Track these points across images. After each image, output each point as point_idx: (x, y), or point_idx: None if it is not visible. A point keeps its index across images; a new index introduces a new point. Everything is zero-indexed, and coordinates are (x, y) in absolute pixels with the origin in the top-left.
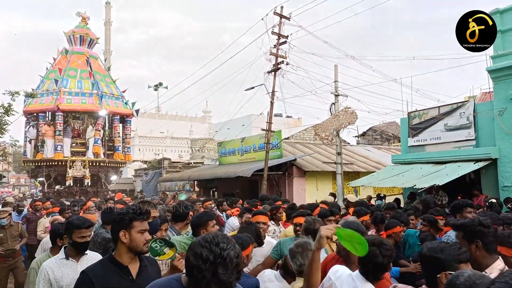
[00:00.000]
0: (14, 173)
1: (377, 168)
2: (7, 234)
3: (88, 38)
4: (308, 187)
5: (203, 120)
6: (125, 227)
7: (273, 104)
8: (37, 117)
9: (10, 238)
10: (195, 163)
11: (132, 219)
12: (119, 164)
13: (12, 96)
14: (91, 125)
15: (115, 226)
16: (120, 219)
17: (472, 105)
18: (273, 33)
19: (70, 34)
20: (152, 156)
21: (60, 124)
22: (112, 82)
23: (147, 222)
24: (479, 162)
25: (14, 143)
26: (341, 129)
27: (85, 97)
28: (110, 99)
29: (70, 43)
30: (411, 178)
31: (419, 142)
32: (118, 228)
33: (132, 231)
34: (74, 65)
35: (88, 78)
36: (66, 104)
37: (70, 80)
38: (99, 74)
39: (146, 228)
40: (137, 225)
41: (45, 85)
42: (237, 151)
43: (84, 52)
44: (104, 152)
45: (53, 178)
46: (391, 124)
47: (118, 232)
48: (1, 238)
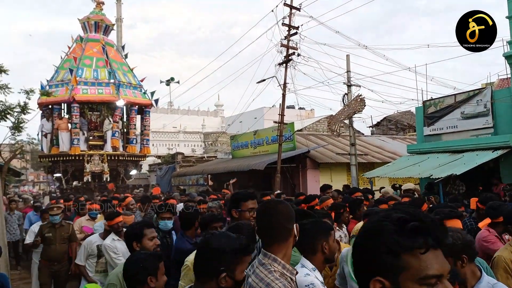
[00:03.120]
0: (32, 171)
1: (392, 158)
2: (57, 235)
3: (103, 24)
4: (322, 179)
5: (215, 114)
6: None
7: (285, 96)
8: (52, 110)
9: (59, 240)
10: (208, 157)
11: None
12: (138, 158)
13: (27, 94)
14: (108, 117)
15: None
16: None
17: (490, 92)
18: (283, 24)
19: (85, 20)
20: (166, 151)
21: (76, 117)
22: (129, 70)
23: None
24: (497, 150)
25: (31, 141)
26: (350, 118)
27: (101, 87)
28: (128, 89)
29: (84, 30)
30: (427, 168)
31: (435, 131)
32: None
33: None
34: (90, 53)
35: (105, 67)
36: (82, 95)
37: (86, 69)
38: (115, 62)
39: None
40: None
41: (60, 75)
42: (250, 144)
43: (100, 39)
44: (122, 145)
45: (70, 174)
46: (406, 113)
47: None
48: (50, 238)
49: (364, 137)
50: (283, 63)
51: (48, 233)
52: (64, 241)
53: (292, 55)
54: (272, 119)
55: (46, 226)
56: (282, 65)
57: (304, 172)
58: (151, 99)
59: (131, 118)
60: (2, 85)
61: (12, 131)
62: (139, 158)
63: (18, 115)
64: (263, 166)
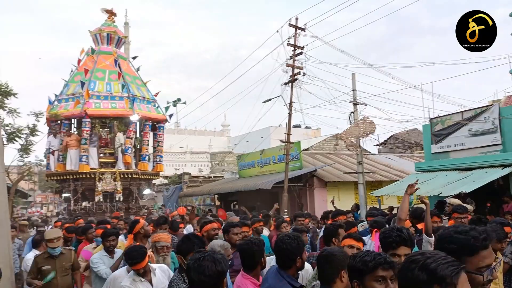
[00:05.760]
0: (40, 192)
1: (400, 176)
2: (56, 266)
3: (116, 36)
4: (329, 198)
5: (222, 134)
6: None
7: (291, 115)
8: (61, 125)
9: (60, 272)
10: (215, 176)
11: None
12: (151, 176)
13: (36, 116)
14: (121, 132)
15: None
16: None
17: (497, 109)
18: (289, 44)
19: (96, 32)
20: (173, 171)
21: (86, 132)
22: (143, 84)
23: None
24: (507, 167)
25: (39, 163)
26: (363, 138)
27: (115, 101)
28: (141, 103)
29: (96, 42)
30: (436, 186)
31: (443, 149)
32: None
33: None
34: (102, 65)
35: (117, 80)
36: (95, 109)
37: (98, 83)
38: (128, 75)
39: None
40: None
41: (70, 89)
42: (256, 163)
43: (112, 51)
44: (135, 163)
45: (80, 194)
46: (412, 131)
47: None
48: (49, 271)
49: (371, 156)
50: (288, 82)
51: (46, 265)
52: (66, 272)
53: (297, 74)
54: (279, 139)
55: (42, 258)
56: (288, 84)
57: (311, 191)
58: (165, 114)
59: (145, 134)
60: (10, 108)
61: (20, 153)
62: (152, 176)
63: (26, 137)
64: (270, 185)
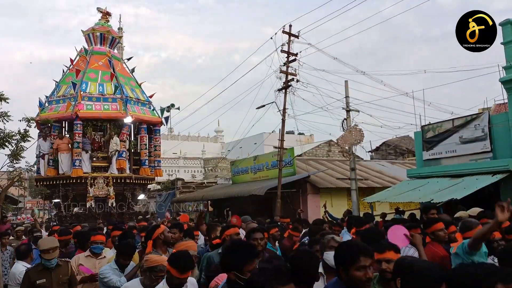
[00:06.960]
0: (30, 198)
1: (392, 183)
2: (53, 280)
3: (109, 36)
4: (322, 204)
5: (215, 140)
6: None
7: (284, 122)
8: (51, 128)
9: (56, 286)
10: (208, 182)
11: None
12: (146, 181)
13: (28, 122)
14: (114, 136)
15: None
16: None
17: (487, 117)
18: (282, 51)
19: (90, 32)
20: (166, 177)
21: (78, 135)
22: (137, 86)
23: None
24: (497, 174)
25: (30, 168)
26: (355, 145)
27: (107, 103)
28: (136, 105)
29: (89, 42)
30: (428, 193)
31: (434, 156)
32: None
33: None
34: (95, 66)
35: (110, 81)
36: (86, 111)
37: (90, 84)
38: (122, 77)
39: None
40: None
41: (61, 90)
42: (250, 169)
43: (106, 52)
44: (129, 167)
45: (70, 199)
46: (404, 138)
47: None
48: (44, 285)
49: (363, 162)
50: (282, 88)
51: (41, 279)
52: (63, 286)
53: (291, 81)
54: (272, 145)
55: (35, 271)
56: (282, 91)
57: (304, 197)
58: (160, 116)
59: (141, 137)
60: (1, 112)
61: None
62: (147, 181)
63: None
64: (264, 191)
